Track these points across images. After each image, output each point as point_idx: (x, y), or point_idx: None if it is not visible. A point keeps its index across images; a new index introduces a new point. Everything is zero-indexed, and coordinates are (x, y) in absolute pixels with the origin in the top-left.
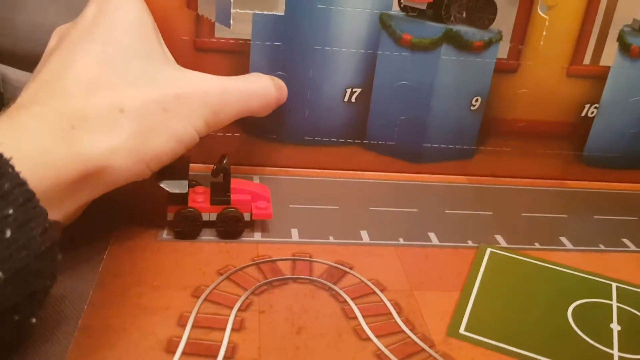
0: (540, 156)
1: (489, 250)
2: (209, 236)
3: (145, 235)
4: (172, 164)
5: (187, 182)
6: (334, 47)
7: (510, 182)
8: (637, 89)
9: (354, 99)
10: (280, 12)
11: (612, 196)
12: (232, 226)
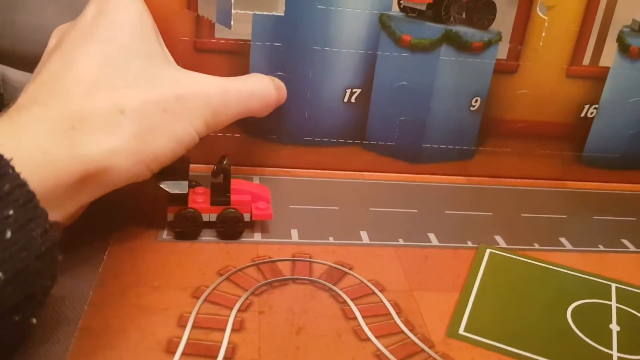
0: (539, 157)
1: (488, 250)
2: (209, 237)
3: (145, 235)
4: (172, 165)
5: (187, 182)
6: (334, 47)
7: (509, 182)
8: (636, 90)
9: (353, 100)
10: (280, 12)
11: (612, 197)
12: (232, 227)
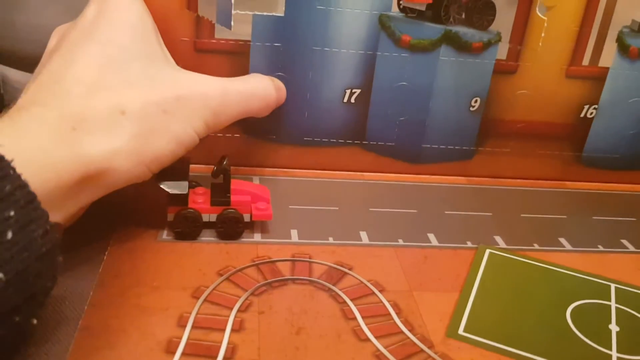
0: (539, 157)
1: (488, 251)
2: (208, 237)
3: (145, 236)
4: (172, 165)
5: (187, 183)
6: (334, 48)
7: (509, 182)
8: (636, 90)
9: (353, 100)
10: (279, 13)
11: (611, 197)
12: (232, 227)
